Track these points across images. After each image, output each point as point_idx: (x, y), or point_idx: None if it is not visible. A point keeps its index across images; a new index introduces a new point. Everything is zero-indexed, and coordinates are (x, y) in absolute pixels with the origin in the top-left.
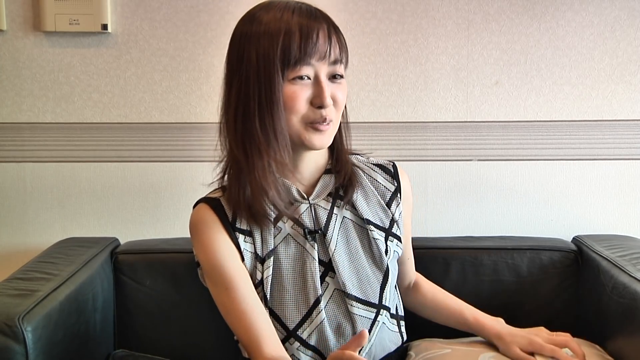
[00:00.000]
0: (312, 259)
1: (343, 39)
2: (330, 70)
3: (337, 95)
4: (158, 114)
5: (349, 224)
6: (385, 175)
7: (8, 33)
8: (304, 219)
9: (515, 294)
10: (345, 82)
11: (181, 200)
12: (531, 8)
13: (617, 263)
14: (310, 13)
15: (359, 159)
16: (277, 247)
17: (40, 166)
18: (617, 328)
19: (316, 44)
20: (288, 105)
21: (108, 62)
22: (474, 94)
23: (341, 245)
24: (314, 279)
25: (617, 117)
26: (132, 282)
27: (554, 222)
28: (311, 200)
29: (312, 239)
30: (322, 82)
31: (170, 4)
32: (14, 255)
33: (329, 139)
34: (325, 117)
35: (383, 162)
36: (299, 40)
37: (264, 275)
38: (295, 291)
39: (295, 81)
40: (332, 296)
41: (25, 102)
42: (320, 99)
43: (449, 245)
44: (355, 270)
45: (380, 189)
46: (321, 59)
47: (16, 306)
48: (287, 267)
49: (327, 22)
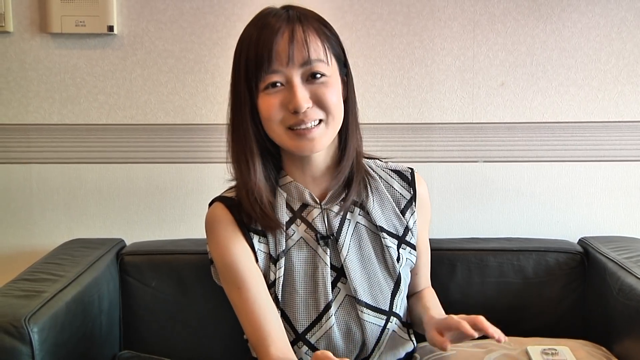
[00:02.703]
0: (324, 265)
1: (323, 35)
2: (304, 72)
3: (320, 95)
4: (164, 116)
5: (362, 230)
6: (402, 182)
7: (15, 35)
8: (317, 223)
9: (521, 295)
10: (334, 82)
11: (187, 202)
12: (537, 9)
13: (624, 265)
14: (277, 17)
15: (378, 163)
16: (290, 249)
17: (46, 167)
18: (623, 330)
19: (272, 49)
20: (265, 116)
21: (114, 63)
22: (480, 96)
23: (353, 251)
24: (325, 284)
25: (624, 119)
26: (138, 283)
27: (560, 223)
28: (323, 205)
29: (324, 244)
30: (295, 85)
31: (176, 6)
32: (20, 256)
33: (320, 142)
34: (303, 119)
35: (401, 169)
36: (254, 50)
37: (277, 276)
38: (306, 295)
39: (268, 90)
40: (343, 302)
41: (32, 104)
42: (292, 104)
43: (455, 246)
44: (367, 276)
45: (395, 195)
46: (286, 63)
47: (22, 307)
48: (299, 270)
49: (294, 24)
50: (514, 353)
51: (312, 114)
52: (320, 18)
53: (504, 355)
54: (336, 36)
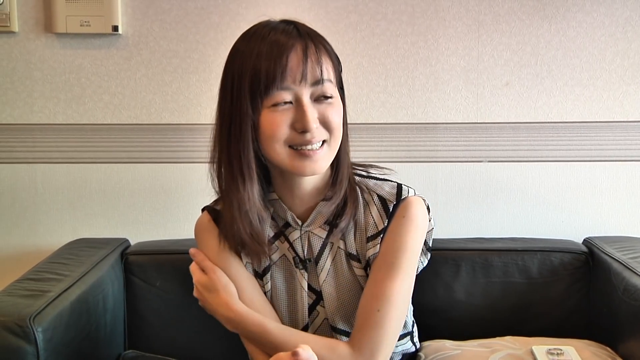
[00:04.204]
0: (301, 288)
1: (331, 58)
2: (313, 91)
3: (327, 116)
4: (168, 115)
5: (342, 255)
6: (382, 210)
7: (20, 35)
8: (296, 245)
9: (526, 295)
10: (339, 103)
11: (191, 202)
12: (542, 9)
13: (629, 265)
14: (287, 33)
15: (369, 185)
16: (272, 266)
17: (51, 167)
18: (628, 330)
19: (286, 67)
20: (268, 134)
21: (119, 63)
22: (484, 96)
23: (331, 277)
24: (302, 306)
25: (629, 119)
26: (143, 283)
27: (564, 223)
28: (304, 227)
29: (302, 267)
30: (305, 104)
31: (181, 6)
32: (25, 256)
33: (322, 164)
34: (310, 140)
35: (387, 196)
36: (266, 64)
37: (265, 290)
38: (288, 313)
39: (275, 108)
40: (321, 326)
41: (37, 104)
42: (301, 123)
43: (459, 246)
44: (343, 303)
45: (369, 223)
46: (298, 81)
47: (27, 307)
48: (281, 287)
49: (306, 41)
50: (519, 353)
51: (318, 135)
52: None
53: (509, 355)
54: (338, 57)
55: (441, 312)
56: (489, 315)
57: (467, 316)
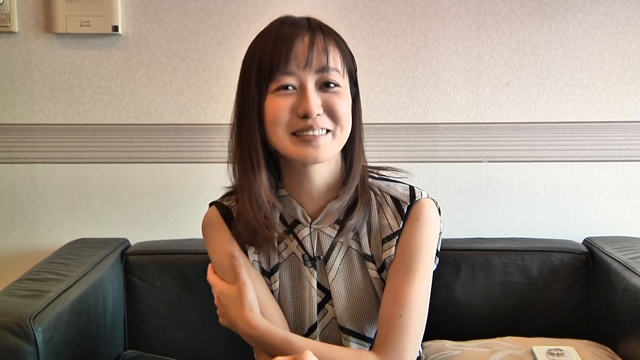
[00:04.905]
0: (310, 286)
1: (341, 50)
2: (319, 79)
3: (332, 104)
4: (168, 115)
5: (354, 256)
6: (396, 212)
7: (20, 35)
8: (305, 243)
9: (526, 295)
10: (347, 93)
11: (191, 202)
12: (542, 9)
13: (629, 265)
14: (296, 24)
15: (381, 186)
16: (281, 264)
17: (51, 167)
18: (628, 330)
19: (291, 50)
20: (270, 118)
21: (119, 63)
22: (484, 96)
23: (342, 276)
24: (311, 305)
25: (629, 119)
26: (143, 283)
27: (564, 223)
28: (314, 225)
29: (311, 265)
30: (308, 89)
31: (181, 6)
32: (25, 256)
33: (325, 152)
34: (312, 125)
35: (401, 197)
36: (271, 49)
37: (272, 289)
38: (295, 312)
39: (279, 92)
40: (329, 324)
41: (37, 104)
42: (303, 107)
43: (459, 247)
44: (353, 303)
45: (384, 224)
46: (302, 66)
47: (27, 307)
48: (289, 285)
49: (315, 31)
50: (519, 353)
51: (321, 122)
52: (339, 34)
53: (510, 356)
54: (352, 54)
55: (441, 312)
56: (489, 316)
57: (467, 316)
